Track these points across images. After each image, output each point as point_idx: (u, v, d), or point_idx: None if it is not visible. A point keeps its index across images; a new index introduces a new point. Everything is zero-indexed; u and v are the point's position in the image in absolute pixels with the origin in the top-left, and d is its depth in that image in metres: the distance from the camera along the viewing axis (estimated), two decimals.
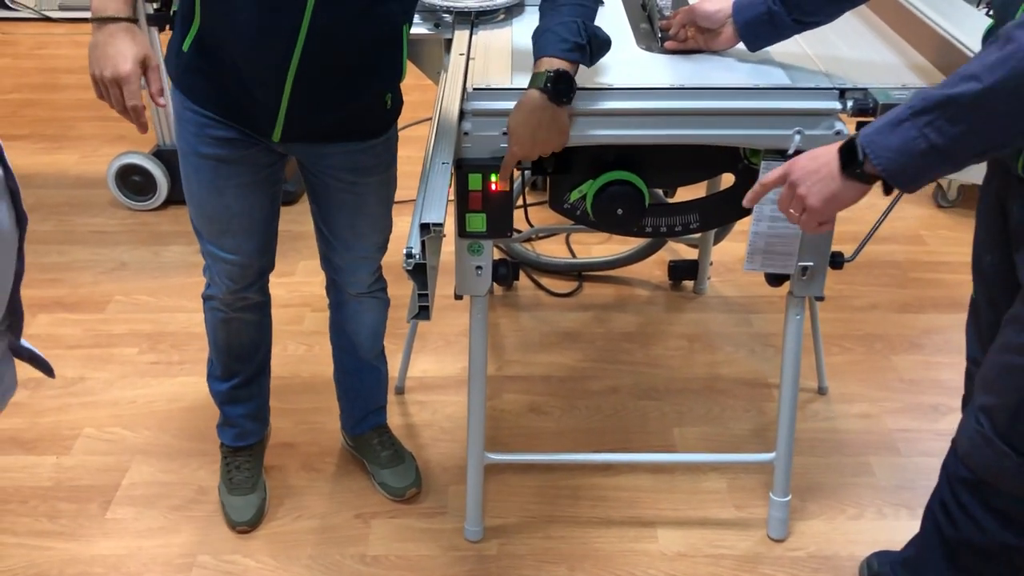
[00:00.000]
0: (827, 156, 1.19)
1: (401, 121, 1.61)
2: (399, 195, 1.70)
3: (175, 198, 2.95)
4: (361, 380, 1.91)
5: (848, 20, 1.75)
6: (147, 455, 2.03)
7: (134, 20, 1.35)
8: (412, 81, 1.56)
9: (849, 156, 1.17)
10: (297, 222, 2.86)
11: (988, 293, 1.44)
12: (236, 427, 1.88)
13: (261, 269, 1.71)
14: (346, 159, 1.58)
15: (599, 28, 1.41)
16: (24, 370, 2.48)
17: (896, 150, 1.12)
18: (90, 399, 2.18)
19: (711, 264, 2.62)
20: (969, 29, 1.55)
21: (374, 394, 1.94)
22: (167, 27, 1.55)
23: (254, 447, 1.91)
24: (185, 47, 1.45)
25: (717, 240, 2.54)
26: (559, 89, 1.36)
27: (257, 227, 1.63)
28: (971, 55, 1.40)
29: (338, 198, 1.63)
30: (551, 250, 2.76)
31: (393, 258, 1.77)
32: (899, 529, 1.86)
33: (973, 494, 1.37)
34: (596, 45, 1.40)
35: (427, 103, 3.24)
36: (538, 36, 1.41)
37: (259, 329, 1.81)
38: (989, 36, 1.28)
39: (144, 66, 1.35)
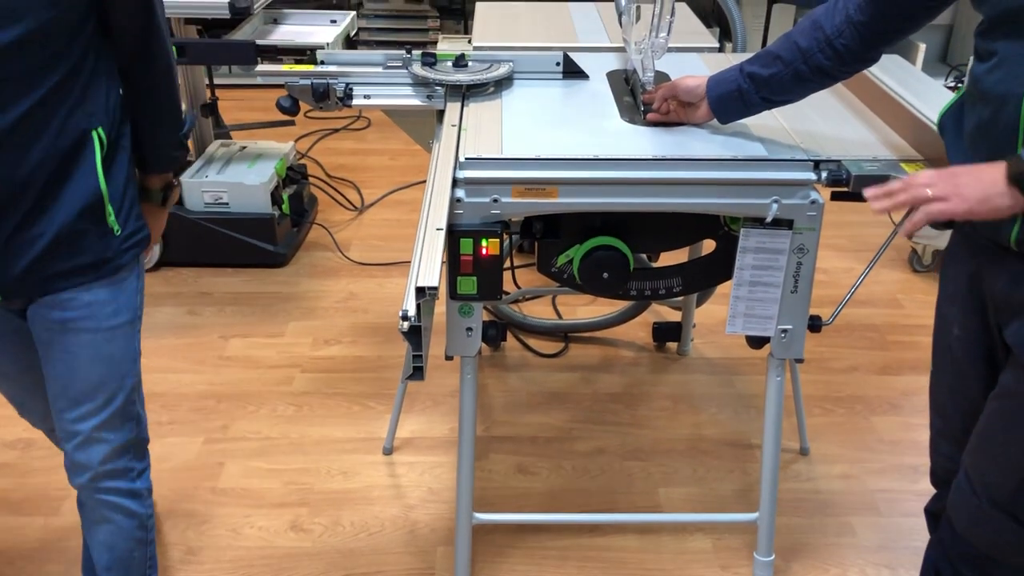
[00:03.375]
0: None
1: (392, 184, 1.65)
2: (391, 256, 1.73)
3: (167, 260, 3.00)
4: None
5: (823, 96, 1.84)
6: None
7: None
8: (403, 147, 1.62)
9: None
10: (287, 283, 2.90)
11: (955, 367, 1.44)
12: None
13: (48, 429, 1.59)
14: (68, 303, 1.30)
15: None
16: (12, 431, 2.46)
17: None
18: None
19: (694, 326, 2.67)
20: (935, 104, 1.63)
21: None
22: None
23: None
24: None
25: (700, 303, 2.60)
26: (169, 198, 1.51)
27: (22, 387, 1.51)
28: (934, 128, 1.46)
29: (49, 353, 1.33)
30: (538, 311, 2.81)
31: (385, 320, 1.80)
32: None
33: (976, 569, 1.37)
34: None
35: (417, 167, 3.30)
36: (147, 151, 1.43)
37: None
38: (947, 113, 1.34)
39: None
